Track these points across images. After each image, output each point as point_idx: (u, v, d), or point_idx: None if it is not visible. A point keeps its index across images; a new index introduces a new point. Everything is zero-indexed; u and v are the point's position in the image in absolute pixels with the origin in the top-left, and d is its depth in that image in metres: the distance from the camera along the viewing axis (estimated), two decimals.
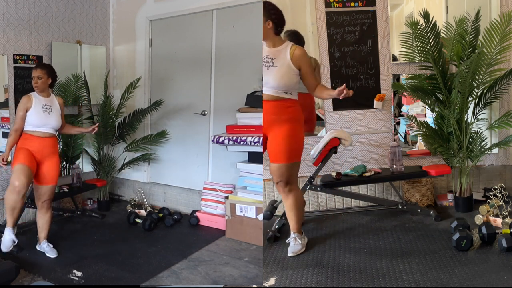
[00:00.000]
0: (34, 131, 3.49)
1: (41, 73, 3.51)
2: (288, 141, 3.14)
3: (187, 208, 4.74)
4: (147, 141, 4.88)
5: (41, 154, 3.50)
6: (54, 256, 3.52)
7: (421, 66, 4.04)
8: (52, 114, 3.53)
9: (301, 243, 3.32)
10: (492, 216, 3.58)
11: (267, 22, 3.07)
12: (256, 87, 4.10)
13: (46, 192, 3.53)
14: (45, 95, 3.57)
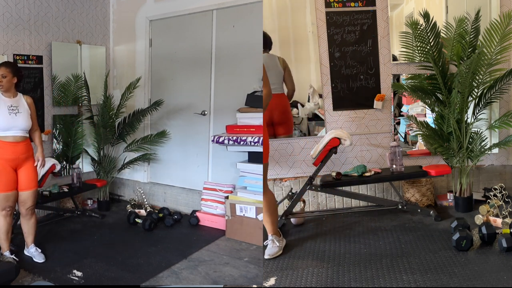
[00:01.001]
0: (4, 136, 3.25)
1: (5, 71, 3.27)
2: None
3: (187, 208, 4.74)
4: (147, 141, 4.88)
5: (17, 162, 3.29)
6: (41, 260, 3.40)
7: (421, 66, 4.04)
8: (19, 115, 3.29)
9: (278, 245, 3.30)
10: (492, 216, 3.58)
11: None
12: (256, 87, 4.10)
13: (28, 198, 3.35)
14: (11, 95, 3.32)
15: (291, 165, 4.28)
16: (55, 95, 4.70)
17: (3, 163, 3.24)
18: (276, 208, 3.40)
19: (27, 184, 3.35)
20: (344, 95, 4.22)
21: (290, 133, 4.35)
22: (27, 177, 3.35)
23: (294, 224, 3.93)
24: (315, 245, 3.44)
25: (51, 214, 4.58)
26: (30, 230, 3.48)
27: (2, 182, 3.24)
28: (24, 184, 3.34)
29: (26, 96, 3.46)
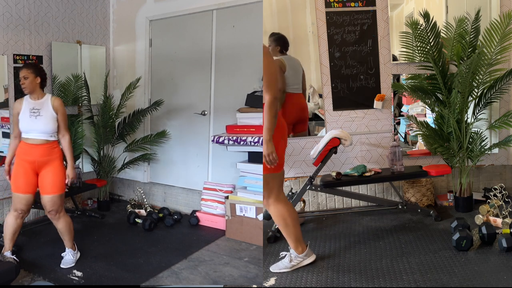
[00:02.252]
0: (26, 138, 3.23)
1: (26, 72, 3.21)
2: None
3: (187, 208, 4.74)
4: (147, 141, 4.88)
5: (36, 165, 3.23)
6: (62, 266, 3.32)
7: (421, 66, 4.04)
8: (39, 118, 3.20)
9: (291, 264, 3.03)
10: (492, 216, 3.58)
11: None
12: (256, 87, 4.10)
13: (47, 203, 3.24)
14: (35, 97, 3.25)
15: (291, 165, 4.28)
16: (55, 95, 4.69)
17: (23, 164, 3.22)
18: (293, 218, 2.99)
19: (45, 189, 3.24)
20: (344, 95, 4.22)
21: (306, 130, 4.36)
22: (46, 181, 3.23)
23: None
24: (315, 245, 3.44)
25: None
26: (61, 233, 3.37)
27: (18, 182, 3.22)
28: (43, 188, 3.24)
29: (54, 98, 3.30)
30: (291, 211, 2.98)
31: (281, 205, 2.94)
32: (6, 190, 4.31)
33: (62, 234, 3.37)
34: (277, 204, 2.94)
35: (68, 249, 3.41)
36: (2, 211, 4.30)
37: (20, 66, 3.50)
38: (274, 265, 3.08)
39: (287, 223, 2.96)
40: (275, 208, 2.95)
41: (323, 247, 3.39)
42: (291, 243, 3.02)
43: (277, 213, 2.96)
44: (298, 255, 3.03)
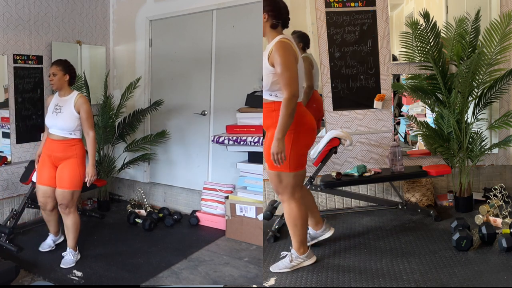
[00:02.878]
0: (49, 133, 3.38)
1: (56, 69, 3.27)
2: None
3: (187, 208, 4.74)
4: (147, 141, 4.88)
5: (53, 159, 3.34)
6: (62, 266, 3.32)
7: (421, 66, 4.04)
8: (60, 114, 3.28)
9: (291, 264, 3.03)
10: (492, 216, 3.58)
11: (263, 15, 2.74)
12: (256, 87, 4.10)
13: (59, 195, 3.31)
14: (62, 94, 3.34)
15: None
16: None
17: (44, 157, 3.38)
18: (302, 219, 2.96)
19: (58, 183, 3.32)
20: (344, 95, 4.22)
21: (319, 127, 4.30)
22: (60, 175, 3.32)
23: None
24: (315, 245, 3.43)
25: None
26: (67, 230, 3.41)
27: (39, 174, 3.40)
28: (57, 181, 3.34)
29: (79, 96, 3.33)
30: (302, 213, 2.95)
31: (294, 205, 2.91)
32: (6, 190, 4.31)
33: (68, 231, 3.41)
34: (290, 203, 2.91)
35: (69, 249, 3.43)
36: (2, 211, 4.30)
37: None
38: (274, 265, 3.08)
39: (296, 223, 2.94)
40: (287, 206, 2.93)
41: (323, 247, 3.39)
42: (295, 243, 3.01)
43: (289, 211, 2.93)
44: (299, 255, 3.02)
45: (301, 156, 2.88)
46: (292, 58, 2.68)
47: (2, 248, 3.66)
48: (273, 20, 2.74)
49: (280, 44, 2.67)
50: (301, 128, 2.80)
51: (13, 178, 4.34)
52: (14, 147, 4.38)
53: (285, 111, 2.63)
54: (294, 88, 2.64)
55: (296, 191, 2.91)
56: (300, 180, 2.94)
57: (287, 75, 2.64)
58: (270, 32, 2.77)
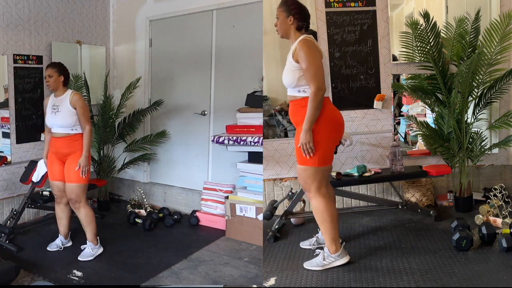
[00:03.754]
0: (52, 132, 3.53)
1: (51, 71, 3.46)
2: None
3: (187, 208, 4.74)
4: (147, 141, 4.88)
5: (60, 156, 3.50)
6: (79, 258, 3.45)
7: (421, 66, 4.04)
8: (58, 113, 3.43)
9: (324, 262, 2.99)
10: (492, 216, 3.58)
11: (289, 18, 2.84)
12: (256, 87, 4.11)
13: (68, 190, 3.46)
14: (58, 94, 3.49)
15: (291, 165, 4.28)
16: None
17: (51, 155, 3.56)
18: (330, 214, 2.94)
19: (66, 177, 3.48)
20: (344, 95, 4.22)
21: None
22: (67, 170, 3.47)
23: (294, 224, 3.93)
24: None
25: (51, 214, 4.57)
26: (82, 224, 3.54)
27: (50, 170, 3.59)
28: (65, 176, 3.48)
29: (74, 93, 3.49)
30: (330, 207, 2.95)
31: (321, 199, 2.93)
32: (6, 190, 4.31)
33: (83, 225, 3.54)
34: (317, 198, 2.93)
35: (88, 242, 3.54)
36: (2, 211, 4.30)
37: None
38: (307, 262, 3.06)
39: (324, 219, 2.94)
40: (315, 202, 2.95)
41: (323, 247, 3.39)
42: (326, 241, 3.00)
43: (316, 207, 2.95)
44: (330, 254, 2.99)
45: (329, 151, 2.93)
46: (317, 53, 2.78)
47: (2, 248, 3.66)
48: (299, 22, 2.86)
49: (304, 42, 2.78)
50: (329, 123, 2.85)
51: (13, 178, 4.34)
52: (14, 147, 4.38)
53: (312, 104, 2.73)
54: (320, 81, 2.73)
55: (322, 185, 2.93)
56: (327, 175, 2.98)
57: (313, 69, 2.73)
58: (295, 34, 2.87)
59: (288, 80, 2.87)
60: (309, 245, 3.37)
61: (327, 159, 2.91)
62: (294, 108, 2.91)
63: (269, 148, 4.24)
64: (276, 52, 4.35)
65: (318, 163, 2.85)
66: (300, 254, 3.30)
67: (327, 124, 2.83)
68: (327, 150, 2.89)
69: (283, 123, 4.43)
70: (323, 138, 2.83)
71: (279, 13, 2.88)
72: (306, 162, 2.86)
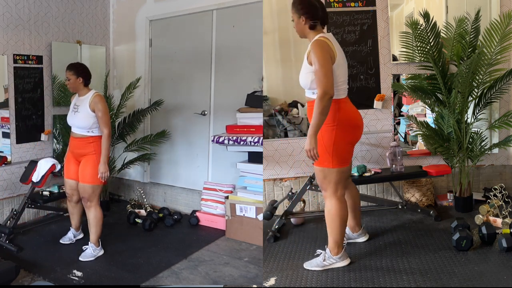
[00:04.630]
0: (71, 131, 3.60)
1: (69, 74, 3.50)
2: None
3: (187, 208, 4.74)
4: (147, 141, 4.88)
5: (77, 153, 3.56)
6: (80, 258, 3.48)
7: (421, 66, 4.04)
8: (77, 114, 3.48)
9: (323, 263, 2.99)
10: (492, 216, 3.58)
11: (301, 18, 2.81)
12: (256, 87, 4.11)
13: (80, 189, 3.53)
14: (80, 94, 3.53)
15: (291, 165, 4.28)
16: (55, 95, 4.70)
17: (68, 153, 3.65)
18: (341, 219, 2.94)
19: (81, 177, 3.53)
20: None
21: None
22: (81, 171, 3.53)
23: (294, 224, 3.93)
24: (315, 245, 3.43)
25: (51, 214, 4.58)
26: (89, 224, 3.58)
27: (65, 168, 3.68)
28: (80, 176, 3.55)
29: (95, 96, 3.48)
30: (342, 212, 2.94)
31: (335, 202, 2.92)
32: (6, 190, 4.32)
33: (90, 225, 3.59)
34: (332, 200, 2.93)
35: (90, 243, 3.56)
36: (2, 211, 4.30)
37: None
38: (307, 262, 3.06)
39: (333, 220, 2.93)
40: (329, 203, 2.95)
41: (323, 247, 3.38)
42: (330, 242, 3.00)
43: (329, 208, 2.95)
44: (332, 256, 2.99)
45: (345, 153, 2.93)
46: (327, 56, 2.72)
47: (2, 248, 3.67)
48: (311, 21, 2.81)
49: (316, 43, 2.74)
50: (344, 124, 2.84)
51: (13, 178, 4.34)
52: (14, 147, 4.38)
53: (316, 109, 2.66)
54: (326, 86, 2.66)
55: (339, 188, 2.93)
56: (343, 176, 2.97)
57: (320, 73, 2.68)
58: (310, 33, 2.84)
59: (303, 81, 2.86)
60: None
61: (343, 160, 2.91)
62: (311, 109, 2.89)
63: (269, 148, 4.24)
64: (276, 52, 4.35)
65: (333, 164, 2.86)
66: (300, 254, 3.30)
67: (343, 125, 2.82)
68: (343, 151, 2.89)
69: (283, 123, 4.43)
70: (339, 139, 2.83)
71: (292, 15, 2.86)
72: (322, 163, 2.87)
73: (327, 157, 2.83)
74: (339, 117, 2.80)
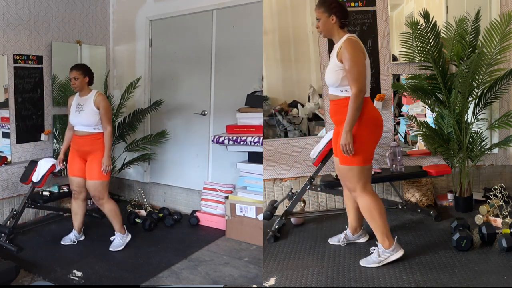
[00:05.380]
0: (75, 130, 3.67)
1: (77, 73, 3.57)
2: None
3: (187, 208, 4.74)
4: (147, 141, 4.88)
5: (81, 153, 3.65)
6: (111, 249, 3.64)
7: (421, 66, 4.04)
8: (82, 112, 3.58)
9: (379, 258, 2.97)
10: (492, 216, 3.58)
11: (331, 17, 2.86)
12: (256, 87, 4.10)
13: (90, 187, 3.63)
14: (83, 94, 3.63)
15: (291, 165, 4.28)
16: (55, 95, 4.70)
17: (73, 152, 3.71)
18: (378, 211, 2.95)
19: (88, 175, 3.63)
20: None
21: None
22: (89, 168, 3.63)
23: (294, 224, 3.93)
24: (315, 245, 3.44)
25: (51, 214, 4.58)
26: (108, 217, 3.73)
27: (70, 167, 3.73)
28: (87, 174, 3.64)
29: (98, 94, 3.63)
30: (377, 204, 2.96)
31: (368, 197, 2.95)
32: (6, 190, 4.32)
33: (109, 218, 3.72)
34: (364, 196, 2.96)
35: (117, 233, 3.73)
36: (2, 211, 4.30)
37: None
38: (363, 259, 3.04)
39: (373, 216, 2.95)
40: (361, 200, 2.97)
41: (323, 247, 3.39)
42: (378, 237, 2.99)
43: (363, 205, 2.97)
44: (385, 250, 2.97)
45: (371, 150, 2.98)
46: (361, 54, 2.81)
47: (2, 248, 3.67)
48: (341, 20, 2.89)
49: (349, 41, 2.81)
50: (370, 122, 2.88)
51: (13, 178, 4.34)
52: (14, 147, 4.38)
53: (353, 106, 2.76)
54: (361, 84, 2.76)
55: (367, 183, 2.98)
56: (369, 174, 3.03)
57: (355, 71, 2.75)
58: (339, 32, 2.90)
59: (331, 79, 2.89)
60: (338, 242, 3.40)
61: (370, 158, 2.98)
62: (336, 107, 2.97)
63: (269, 148, 4.24)
64: (276, 52, 4.35)
65: (362, 162, 2.91)
66: (300, 254, 3.30)
67: (369, 124, 2.87)
68: (370, 149, 2.95)
69: (283, 123, 4.43)
70: (366, 138, 2.88)
71: (319, 14, 2.89)
72: (352, 162, 2.90)
73: (356, 156, 2.87)
74: (368, 115, 2.87)
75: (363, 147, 2.87)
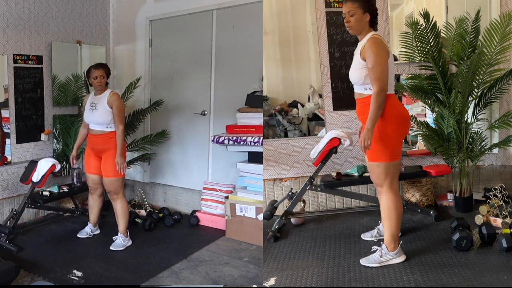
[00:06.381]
0: (89, 128, 3.75)
1: (103, 72, 3.67)
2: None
3: (187, 208, 4.74)
4: (147, 141, 4.88)
5: (96, 151, 3.73)
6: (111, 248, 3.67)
7: (421, 66, 4.04)
8: (95, 111, 3.64)
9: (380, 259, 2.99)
10: (492, 216, 3.58)
11: (365, 14, 2.84)
12: (256, 87, 4.10)
13: (106, 184, 3.74)
14: (98, 93, 3.70)
15: (291, 165, 4.28)
16: (55, 95, 4.70)
17: (88, 149, 3.81)
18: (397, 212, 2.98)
19: (104, 172, 3.73)
20: (344, 95, 4.22)
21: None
22: (104, 166, 3.71)
23: (294, 224, 3.93)
24: (315, 245, 3.44)
25: (51, 214, 4.57)
26: (117, 215, 3.80)
27: (86, 164, 3.85)
28: (103, 171, 3.74)
29: (112, 93, 3.70)
30: (398, 206, 2.98)
31: (392, 196, 2.97)
32: (6, 190, 4.31)
33: (118, 216, 3.80)
34: (388, 194, 2.97)
35: (120, 234, 3.78)
36: (2, 211, 4.30)
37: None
38: (364, 258, 3.06)
39: (390, 215, 2.98)
40: (385, 197, 2.99)
41: (323, 247, 3.39)
42: (386, 237, 3.01)
43: (386, 202, 2.99)
44: (388, 252, 2.99)
45: (398, 146, 2.98)
46: (384, 54, 2.80)
47: (2, 248, 3.67)
48: (374, 18, 2.90)
49: (373, 40, 2.81)
50: (396, 118, 2.89)
51: (13, 178, 4.34)
52: (14, 147, 4.38)
53: (374, 104, 2.75)
54: (383, 83, 2.75)
55: (394, 181, 2.98)
56: (397, 170, 3.03)
57: (378, 70, 2.75)
58: (368, 30, 2.89)
59: (355, 77, 2.91)
60: (371, 237, 3.43)
61: (397, 153, 2.97)
62: (362, 106, 2.97)
63: (269, 148, 4.24)
64: (276, 52, 4.35)
65: (390, 158, 2.91)
66: (300, 254, 3.30)
67: (393, 120, 2.87)
68: (397, 145, 2.96)
69: (283, 123, 4.43)
70: (392, 133, 2.89)
71: (354, 10, 2.85)
72: (379, 158, 2.91)
73: (384, 152, 2.88)
74: (392, 111, 2.86)
75: (389, 143, 2.88)
